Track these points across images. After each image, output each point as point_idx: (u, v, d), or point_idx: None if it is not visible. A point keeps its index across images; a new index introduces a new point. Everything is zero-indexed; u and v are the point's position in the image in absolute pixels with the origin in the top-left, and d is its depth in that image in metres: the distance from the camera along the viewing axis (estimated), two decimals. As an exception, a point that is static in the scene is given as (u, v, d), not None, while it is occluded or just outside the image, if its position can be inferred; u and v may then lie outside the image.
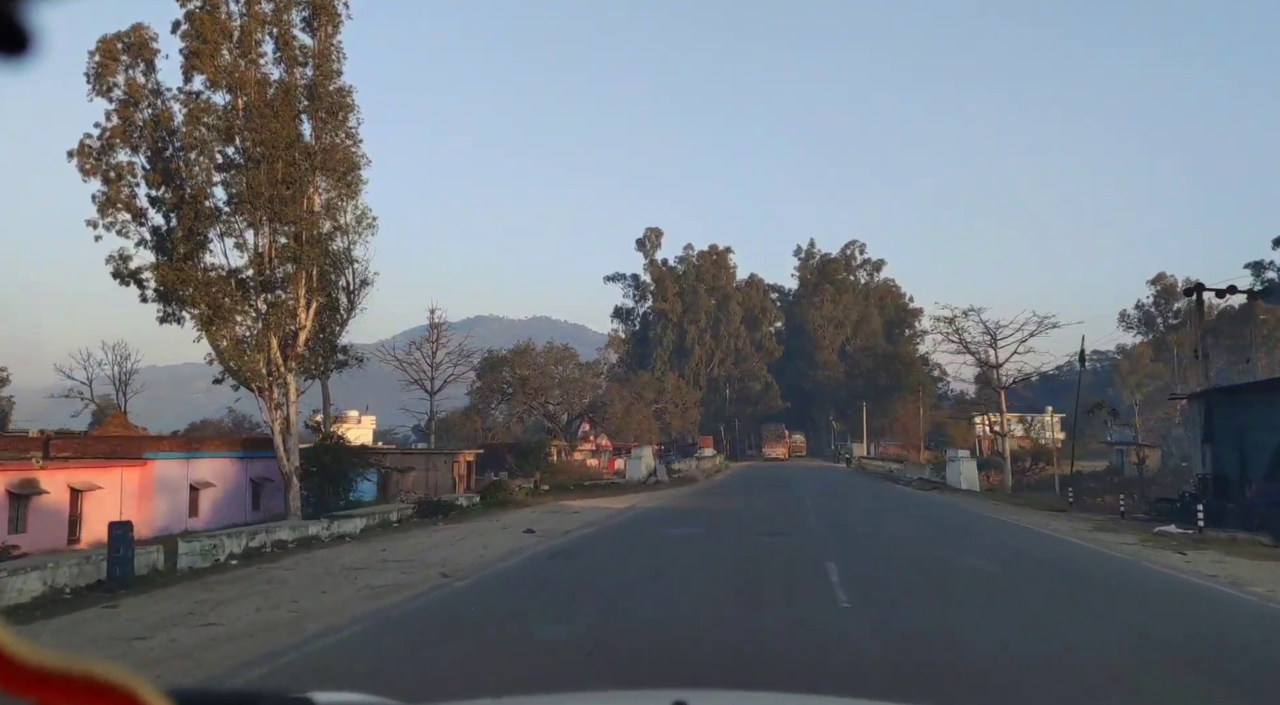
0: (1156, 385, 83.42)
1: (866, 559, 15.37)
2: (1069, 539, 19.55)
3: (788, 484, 40.24)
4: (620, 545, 17.68)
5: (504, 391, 70.11)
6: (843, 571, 13.02)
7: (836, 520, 23.00)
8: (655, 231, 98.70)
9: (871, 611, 10.30)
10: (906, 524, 23.06)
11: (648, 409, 77.92)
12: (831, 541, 17.71)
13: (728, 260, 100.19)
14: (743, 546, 17.15)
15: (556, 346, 72.30)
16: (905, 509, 28.64)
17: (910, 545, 17.83)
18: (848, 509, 27.59)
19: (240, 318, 26.63)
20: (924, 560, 15.53)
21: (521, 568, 14.52)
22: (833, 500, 31.02)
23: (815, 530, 20.22)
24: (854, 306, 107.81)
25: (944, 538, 19.33)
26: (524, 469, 55.26)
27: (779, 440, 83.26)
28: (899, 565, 14.82)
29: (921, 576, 13.57)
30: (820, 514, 24.78)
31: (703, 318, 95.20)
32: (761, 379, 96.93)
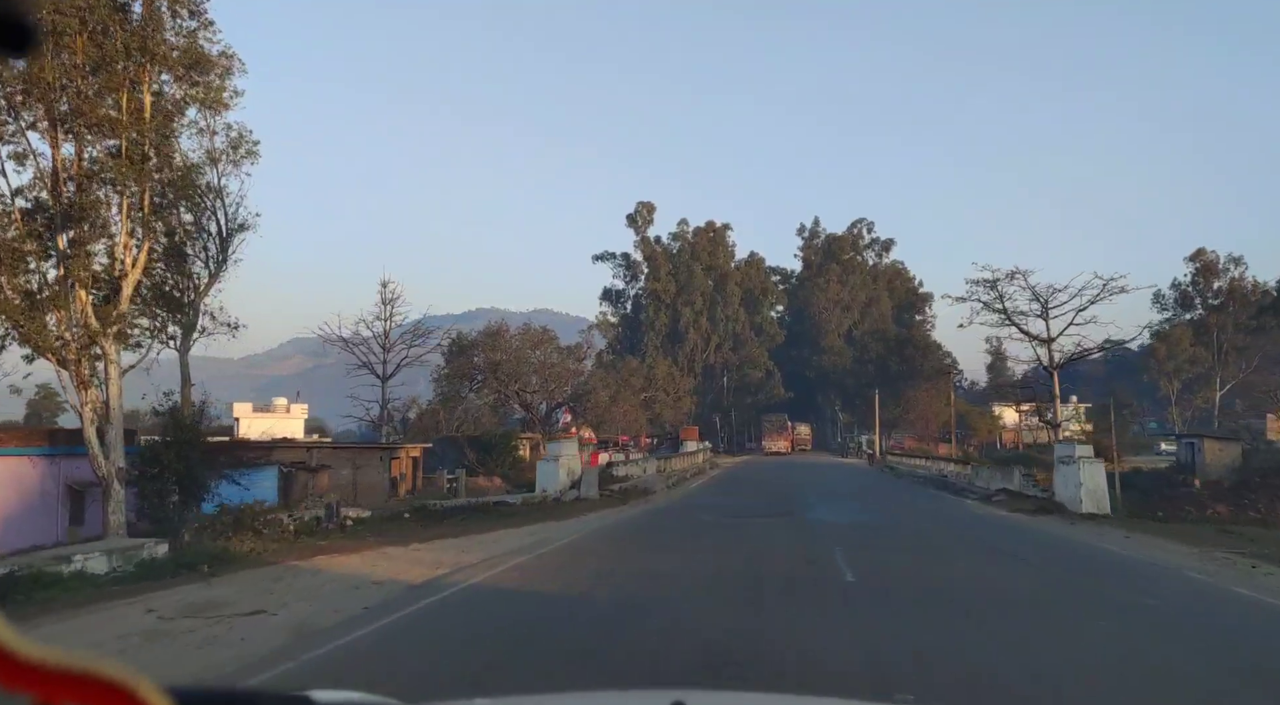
0: (1198, 371, 75.82)
1: None
2: None
3: (792, 496, 26.86)
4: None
5: (473, 379, 62.72)
6: None
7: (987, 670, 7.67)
8: (647, 206, 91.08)
9: None
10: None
11: (636, 398, 70.38)
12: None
13: (725, 237, 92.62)
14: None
15: (534, 328, 64.86)
16: (1107, 596, 11.58)
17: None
18: (968, 598, 10.87)
19: (34, 262, 19.24)
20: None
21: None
22: (895, 551, 15.37)
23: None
24: (862, 288, 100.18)
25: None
26: (486, 466, 47.95)
27: (781, 432, 75.47)
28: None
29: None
30: (908, 635, 8.67)
31: (698, 299, 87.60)
32: (762, 366, 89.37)
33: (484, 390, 64.04)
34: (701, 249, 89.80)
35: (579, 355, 67.10)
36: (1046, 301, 32.61)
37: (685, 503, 26.28)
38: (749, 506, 23.74)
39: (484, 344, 63.13)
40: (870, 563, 13.56)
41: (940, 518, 22.66)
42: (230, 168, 23.70)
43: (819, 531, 18.42)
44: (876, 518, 22.17)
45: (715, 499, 27.48)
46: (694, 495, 29.34)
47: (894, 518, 22.26)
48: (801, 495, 27.57)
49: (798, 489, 31.00)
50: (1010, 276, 32.68)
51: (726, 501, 26.28)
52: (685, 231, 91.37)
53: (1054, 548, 16.92)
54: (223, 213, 23.47)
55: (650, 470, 36.89)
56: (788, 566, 13.06)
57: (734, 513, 22.13)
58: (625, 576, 12.39)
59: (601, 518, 21.68)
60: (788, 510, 22.49)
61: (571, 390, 67.55)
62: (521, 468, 50.44)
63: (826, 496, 27.74)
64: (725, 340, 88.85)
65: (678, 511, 23.41)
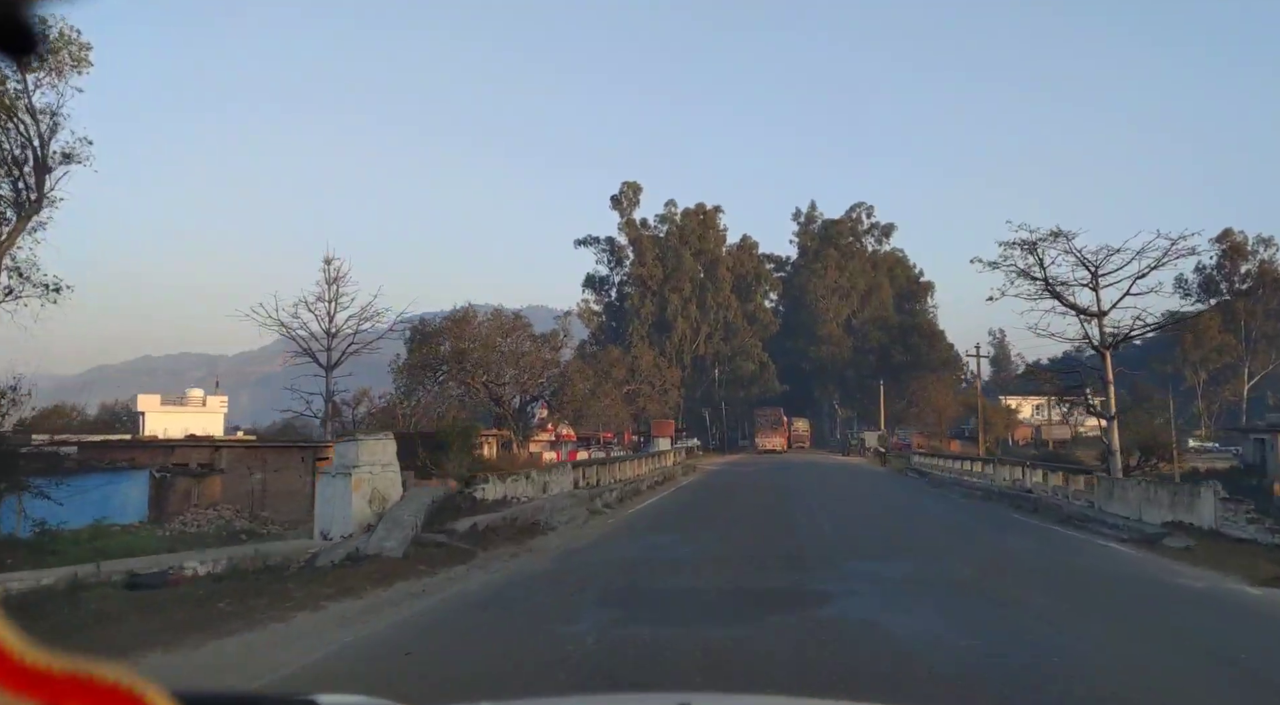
0: (1226, 361, 70.31)
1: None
2: None
3: (797, 530, 17.23)
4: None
5: (436, 370, 56.85)
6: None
7: None
8: (633, 186, 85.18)
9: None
10: None
11: (618, 391, 64.58)
12: None
13: (716, 221, 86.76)
14: None
15: (505, 315, 59.02)
16: None
17: None
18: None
19: None
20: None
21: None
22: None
23: None
24: (861, 275, 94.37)
25: None
26: (441, 466, 42.16)
27: (775, 428, 69.44)
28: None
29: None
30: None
31: (687, 286, 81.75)
32: (755, 357, 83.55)
33: (449, 382, 58.28)
34: (691, 232, 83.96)
35: (554, 344, 61.32)
36: (1097, 268, 26.80)
37: (584, 563, 13.29)
38: (712, 569, 12.07)
39: (449, 331, 57.36)
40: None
41: (1152, 617, 9.51)
42: (50, 79, 17.92)
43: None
44: (998, 617, 9.28)
45: (656, 546, 15.04)
46: (623, 535, 16.65)
47: (1039, 617, 9.22)
48: (812, 528, 17.28)
49: (804, 512, 21.22)
50: (1053, 237, 26.85)
51: (674, 552, 14.13)
52: (673, 214, 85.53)
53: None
54: (34, 137, 17.59)
55: (564, 484, 22.67)
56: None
57: (664, 605, 9.78)
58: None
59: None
60: (795, 585, 10.88)
61: (548, 382, 61.83)
62: (485, 467, 44.72)
63: (854, 529, 17.47)
64: (716, 329, 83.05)
65: (530, 603, 10.10)
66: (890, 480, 34.91)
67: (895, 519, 20.98)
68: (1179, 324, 33.05)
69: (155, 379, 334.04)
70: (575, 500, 19.94)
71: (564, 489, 21.87)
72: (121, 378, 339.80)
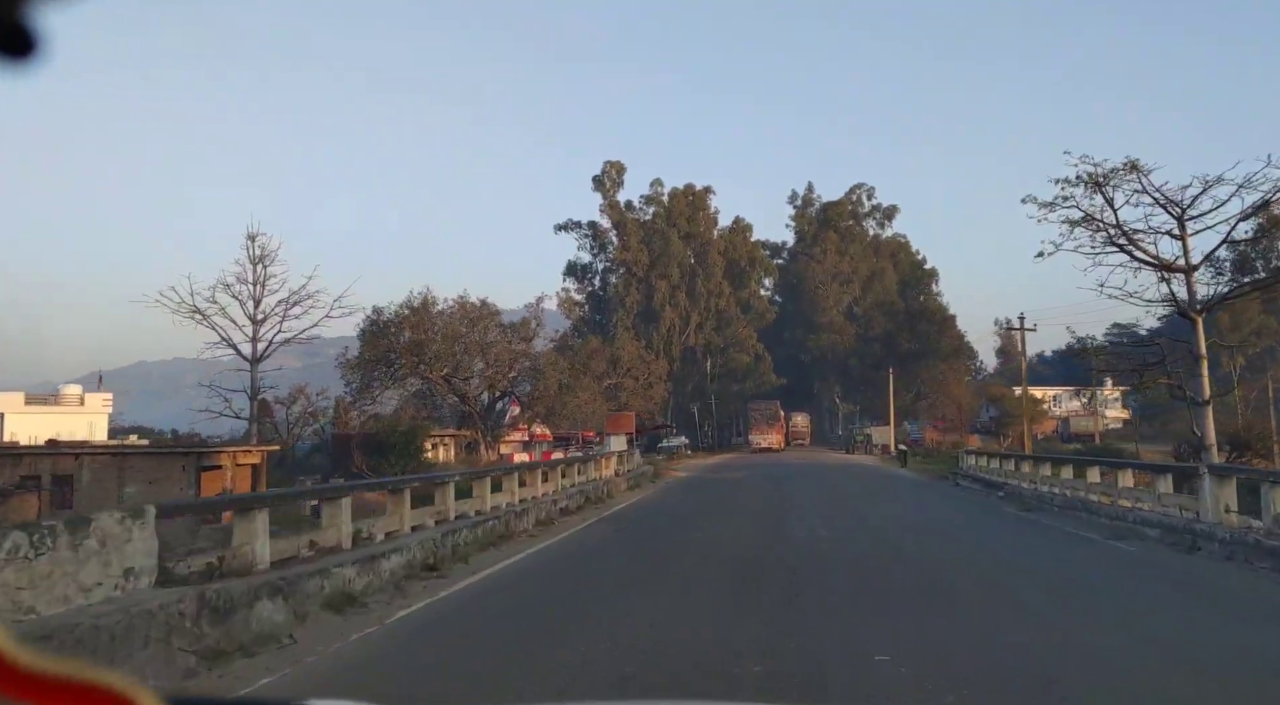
0: (1265, 344, 64.10)
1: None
2: None
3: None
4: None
5: (391, 365, 50.63)
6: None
7: None
8: (616, 167, 78.88)
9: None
10: None
11: (597, 385, 58.31)
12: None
13: (707, 202, 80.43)
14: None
15: (469, 302, 52.81)
16: None
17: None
18: None
19: None
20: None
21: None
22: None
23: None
24: (863, 259, 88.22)
25: None
26: (380, 473, 36.01)
27: (772, 424, 63.00)
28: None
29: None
30: None
31: (675, 272, 75.46)
32: (750, 348, 77.33)
33: (408, 377, 52.08)
34: (679, 214, 77.66)
35: (525, 333, 55.08)
36: (1184, 210, 20.64)
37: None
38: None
39: (407, 322, 51.16)
40: None
41: None
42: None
43: None
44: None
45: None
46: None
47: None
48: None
49: (818, 595, 9.17)
50: (1126, 171, 20.67)
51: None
52: (660, 195, 79.22)
53: None
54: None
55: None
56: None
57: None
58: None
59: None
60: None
61: (520, 376, 55.66)
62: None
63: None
64: (707, 319, 76.77)
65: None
66: (943, 497, 23.47)
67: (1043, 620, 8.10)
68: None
69: (149, 383, 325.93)
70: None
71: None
72: (122, 383, 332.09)
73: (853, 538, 14.43)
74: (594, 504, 21.17)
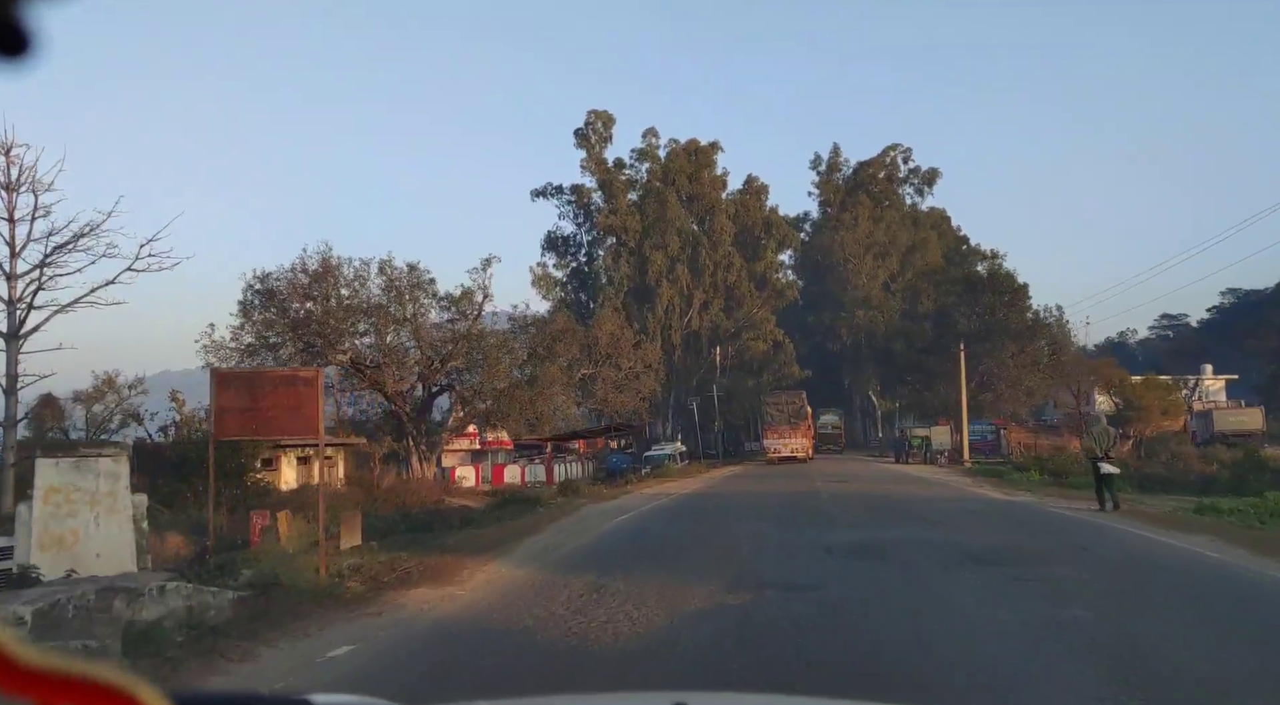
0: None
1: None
2: None
3: None
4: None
5: (272, 347, 37.24)
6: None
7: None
8: (603, 117, 65.29)
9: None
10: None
11: (567, 375, 44.51)
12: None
13: (713, 160, 66.56)
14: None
15: (395, 268, 39.46)
16: None
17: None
18: None
19: None
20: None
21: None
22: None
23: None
24: (901, 229, 74.11)
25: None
26: (177, 502, 23.05)
27: (795, 424, 48.19)
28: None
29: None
30: None
31: (674, 241, 61.71)
32: (767, 333, 63.45)
33: (293, 359, 38.71)
34: (678, 172, 63.91)
35: (468, 307, 41.52)
36: None
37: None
38: None
39: (297, 288, 37.90)
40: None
41: None
42: None
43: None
44: None
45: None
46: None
47: None
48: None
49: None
50: None
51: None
52: (654, 148, 65.46)
53: None
54: None
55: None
56: None
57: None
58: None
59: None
60: None
61: (463, 365, 42.11)
62: (269, 501, 25.18)
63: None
64: (714, 297, 62.93)
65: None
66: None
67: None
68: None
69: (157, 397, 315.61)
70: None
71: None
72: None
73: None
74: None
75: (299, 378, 10.86)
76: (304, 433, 11.52)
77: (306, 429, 10.79)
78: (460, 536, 14.23)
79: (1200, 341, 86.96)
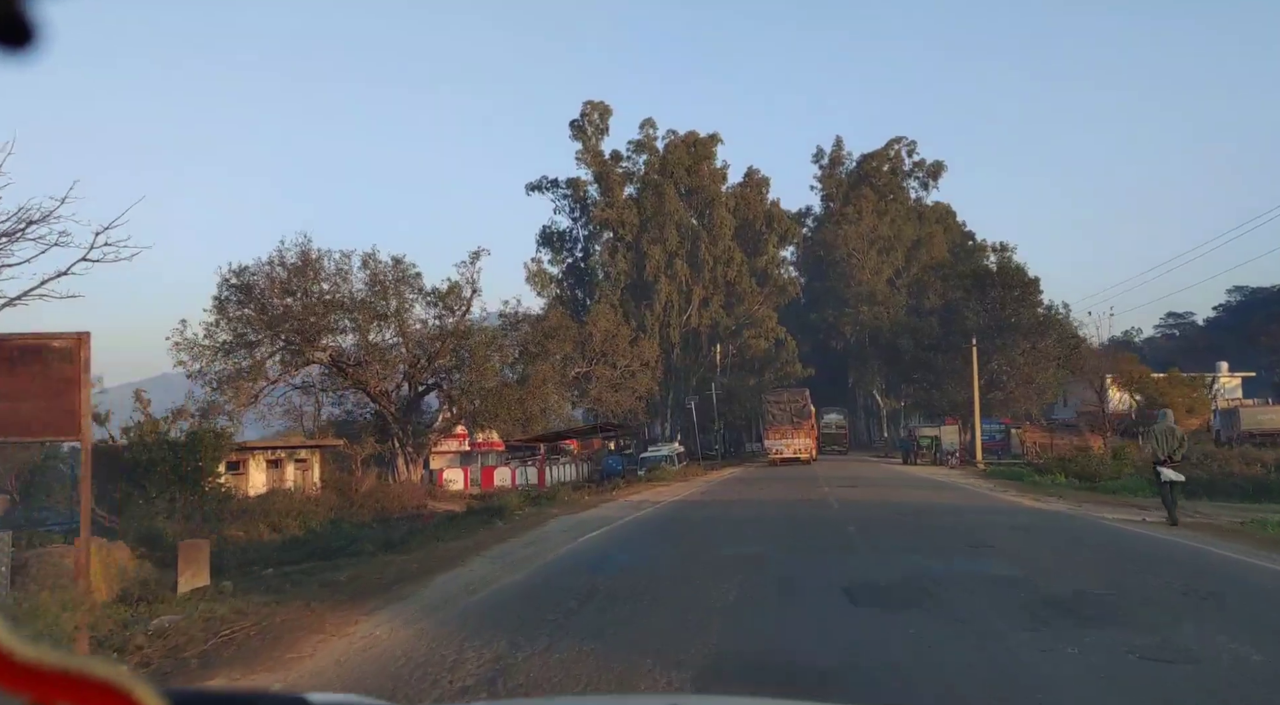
0: None
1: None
2: None
3: None
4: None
5: (249, 345, 35.44)
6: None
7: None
8: (599, 108, 63.46)
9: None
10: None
11: (562, 374, 42.72)
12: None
13: (712, 152, 64.70)
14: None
15: (380, 262, 37.75)
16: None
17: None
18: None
19: None
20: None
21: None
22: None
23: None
24: (906, 222, 72.30)
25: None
26: (128, 512, 21.20)
27: (798, 422, 46.23)
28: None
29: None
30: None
31: (673, 235, 59.88)
32: (769, 331, 61.64)
33: (269, 361, 37.07)
34: (677, 164, 62.04)
35: (454, 302, 39.73)
36: None
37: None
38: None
39: (277, 284, 36.17)
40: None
41: None
42: None
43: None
44: None
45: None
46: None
47: None
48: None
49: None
50: None
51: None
52: (652, 140, 63.58)
53: None
54: None
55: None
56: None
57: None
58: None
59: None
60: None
61: (451, 363, 40.40)
62: (230, 508, 23.39)
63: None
64: (713, 293, 61.10)
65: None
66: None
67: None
68: None
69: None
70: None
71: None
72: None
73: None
74: None
75: (49, 349, 6.91)
76: (62, 431, 7.29)
77: (64, 426, 7.04)
78: (366, 567, 11.11)
79: (1209, 339, 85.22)
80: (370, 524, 24.80)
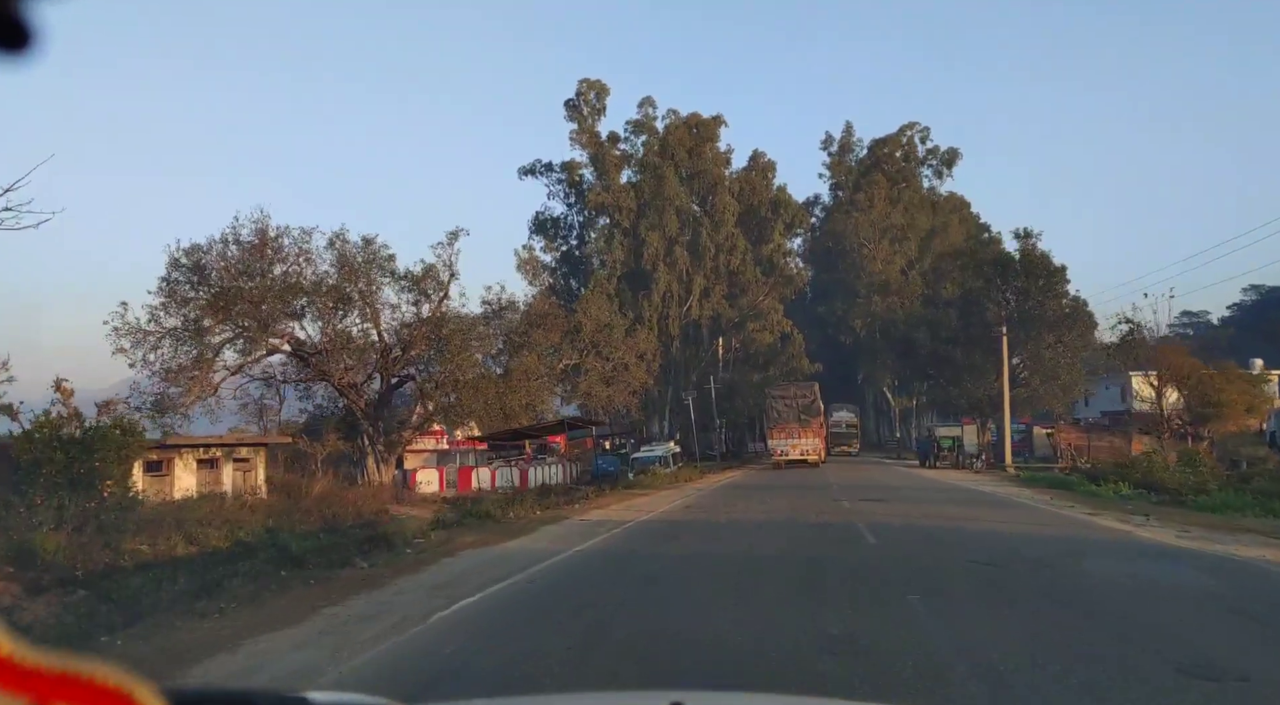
0: None
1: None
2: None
3: None
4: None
5: (198, 330, 31.95)
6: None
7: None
8: (595, 87, 59.97)
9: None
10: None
11: (545, 365, 39.13)
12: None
13: (716, 134, 61.14)
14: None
15: (349, 242, 34.20)
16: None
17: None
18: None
19: None
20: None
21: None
22: None
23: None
24: (920, 210, 68.63)
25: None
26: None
27: (806, 421, 42.25)
28: None
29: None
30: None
31: (673, 221, 56.35)
32: (775, 323, 58.09)
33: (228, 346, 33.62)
34: (678, 146, 58.49)
35: (429, 286, 36.21)
36: None
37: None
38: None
39: (228, 266, 32.62)
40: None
41: None
42: None
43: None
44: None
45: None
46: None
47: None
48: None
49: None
50: None
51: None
52: (652, 119, 60.05)
53: None
54: None
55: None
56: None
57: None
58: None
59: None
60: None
61: (428, 352, 36.85)
62: (135, 518, 19.94)
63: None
64: (715, 282, 57.55)
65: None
66: None
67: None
68: None
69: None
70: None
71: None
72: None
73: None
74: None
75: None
76: None
77: None
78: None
79: (1228, 338, 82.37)
80: (317, 533, 21.41)
